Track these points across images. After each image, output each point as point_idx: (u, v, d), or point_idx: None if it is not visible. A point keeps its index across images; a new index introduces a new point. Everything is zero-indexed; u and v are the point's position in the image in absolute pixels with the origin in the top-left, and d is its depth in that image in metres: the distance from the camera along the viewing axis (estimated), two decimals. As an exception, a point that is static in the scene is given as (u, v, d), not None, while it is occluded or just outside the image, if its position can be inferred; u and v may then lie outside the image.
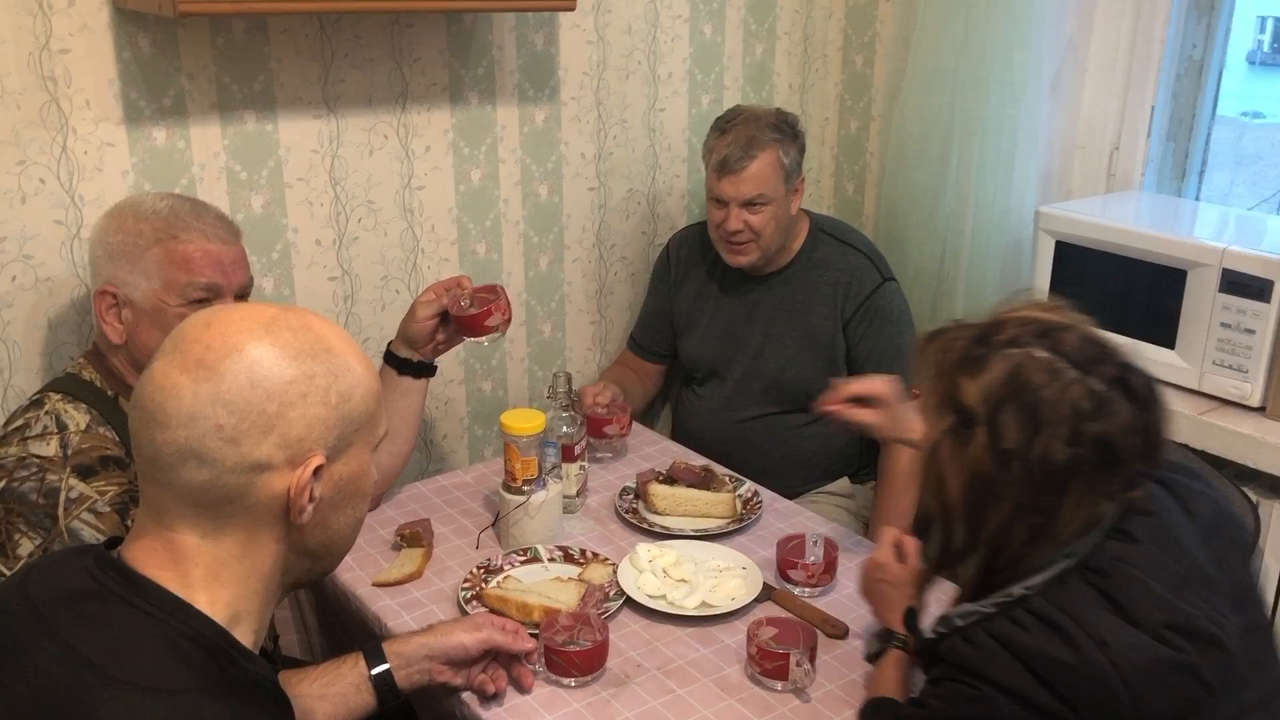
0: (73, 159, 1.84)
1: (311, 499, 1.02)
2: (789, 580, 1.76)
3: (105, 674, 0.92)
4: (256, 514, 1.01)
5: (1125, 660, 1.08)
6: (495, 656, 1.50)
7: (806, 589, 1.75)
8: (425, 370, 1.93)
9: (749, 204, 2.17)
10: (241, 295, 1.68)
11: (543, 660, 1.52)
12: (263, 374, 0.99)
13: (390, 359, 1.92)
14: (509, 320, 1.87)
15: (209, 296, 1.61)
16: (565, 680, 1.51)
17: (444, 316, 1.88)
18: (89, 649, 0.94)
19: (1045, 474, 1.13)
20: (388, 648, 1.44)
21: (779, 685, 1.49)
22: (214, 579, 1.01)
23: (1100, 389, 1.14)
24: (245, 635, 1.03)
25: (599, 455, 2.16)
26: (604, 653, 1.53)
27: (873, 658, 1.49)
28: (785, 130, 2.20)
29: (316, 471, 1.01)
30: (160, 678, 0.93)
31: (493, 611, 1.63)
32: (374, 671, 1.41)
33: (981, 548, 1.20)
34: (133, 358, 1.63)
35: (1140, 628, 1.10)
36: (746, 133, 2.16)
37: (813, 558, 1.74)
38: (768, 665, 1.49)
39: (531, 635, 1.52)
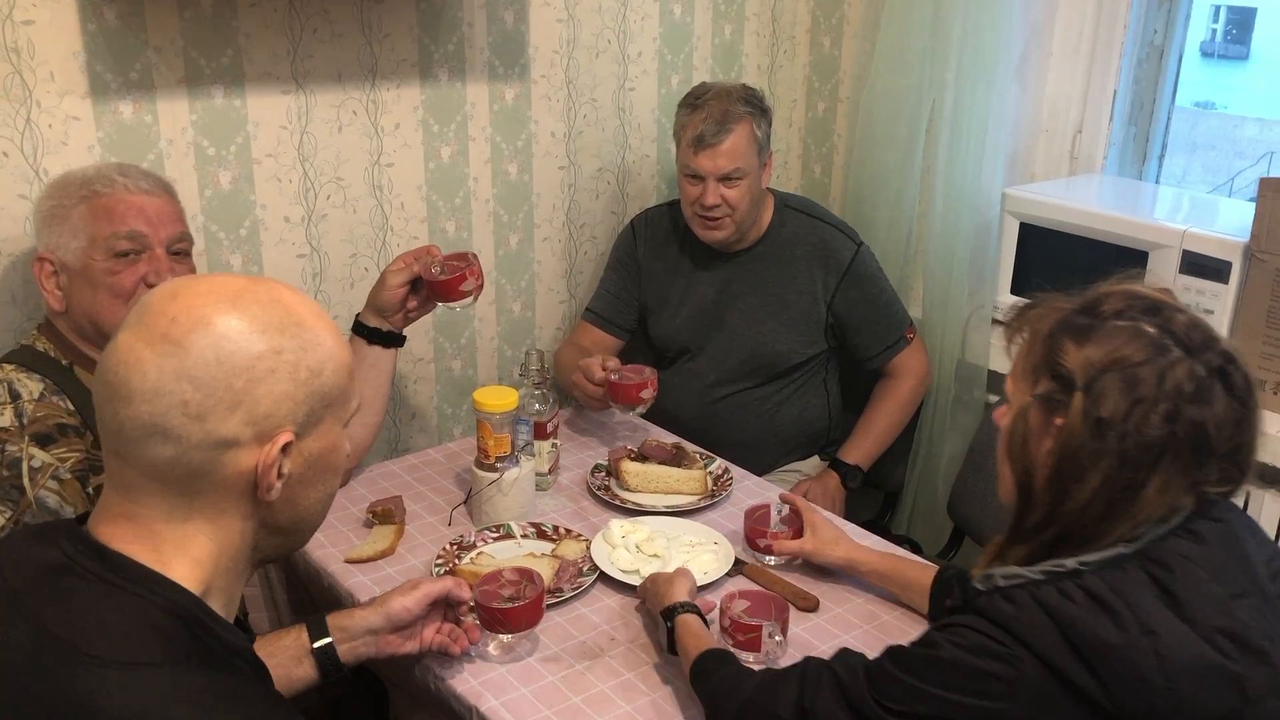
0: (37, 132, 1.81)
1: (280, 476, 1.00)
2: (756, 549, 1.79)
3: (81, 650, 0.91)
4: (224, 491, 0.99)
5: (1171, 653, 1.06)
6: (445, 616, 1.50)
7: (774, 557, 1.78)
8: (394, 340, 1.92)
9: (725, 178, 2.18)
10: (177, 251, 1.68)
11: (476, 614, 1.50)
12: (230, 349, 0.97)
13: (359, 329, 1.91)
14: (481, 286, 1.87)
15: (135, 248, 1.62)
16: (497, 636, 1.51)
17: (414, 285, 1.88)
18: (64, 626, 0.93)
19: (1138, 448, 1.11)
20: (331, 621, 1.43)
21: (751, 657, 1.51)
22: (185, 554, 1.00)
23: (1202, 374, 1.12)
24: (218, 608, 1.03)
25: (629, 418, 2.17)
26: (534, 613, 1.49)
27: (670, 638, 1.48)
28: (755, 104, 2.21)
29: (285, 448, 1.00)
30: (137, 652, 0.92)
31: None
32: (316, 645, 1.40)
33: (1058, 520, 1.16)
34: (77, 324, 1.65)
35: (1193, 626, 1.08)
36: (720, 107, 2.17)
37: (778, 527, 1.77)
38: (741, 638, 1.51)
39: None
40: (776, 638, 1.50)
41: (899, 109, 2.49)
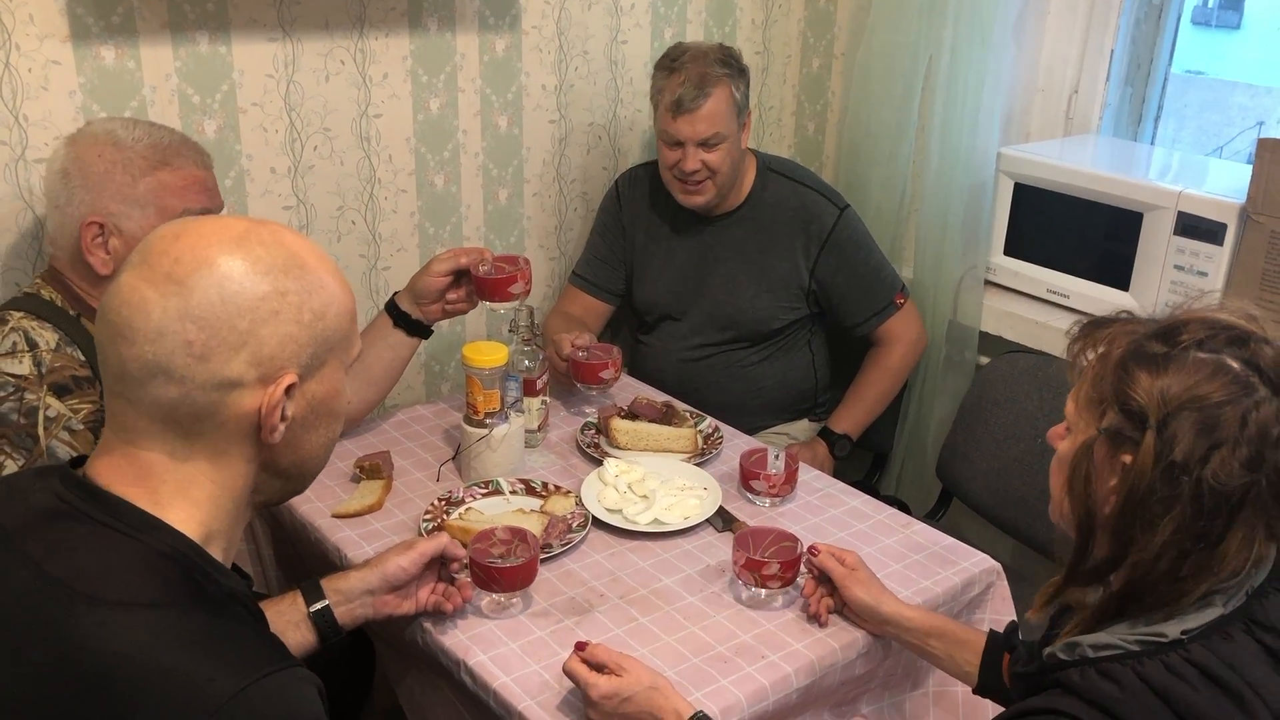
0: (16, 76, 1.77)
1: (284, 418, 1.00)
2: (751, 490, 1.80)
3: (77, 591, 0.91)
4: (227, 432, 0.99)
5: None
6: (439, 576, 1.49)
7: (768, 499, 1.79)
8: (420, 330, 1.91)
9: (705, 143, 2.15)
10: None
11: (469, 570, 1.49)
12: (234, 289, 0.97)
13: (390, 309, 1.89)
14: (528, 291, 1.86)
15: None
16: (491, 594, 1.50)
17: (457, 279, 1.86)
18: (60, 568, 0.93)
19: (1215, 496, 1.01)
20: (326, 584, 1.42)
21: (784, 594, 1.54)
22: (184, 496, 0.99)
23: None
24: (217, 553, 1.02)
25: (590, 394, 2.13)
26: (529, 572, 1.49)
27: None
28: (732, 66, 2.17)
29: (289, 390, 1.00)
30: (133, 592, 0.92)
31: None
32: (313, 609, 1.39)
33: (1124, 569, 1.06)
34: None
35: None
36: (697, 70, 2.13)
37: (774, 469, 1.77)
38: (788, 574, 1.51)
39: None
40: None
41: (895, 66, 2.46)
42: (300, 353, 1.00)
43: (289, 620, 1.37)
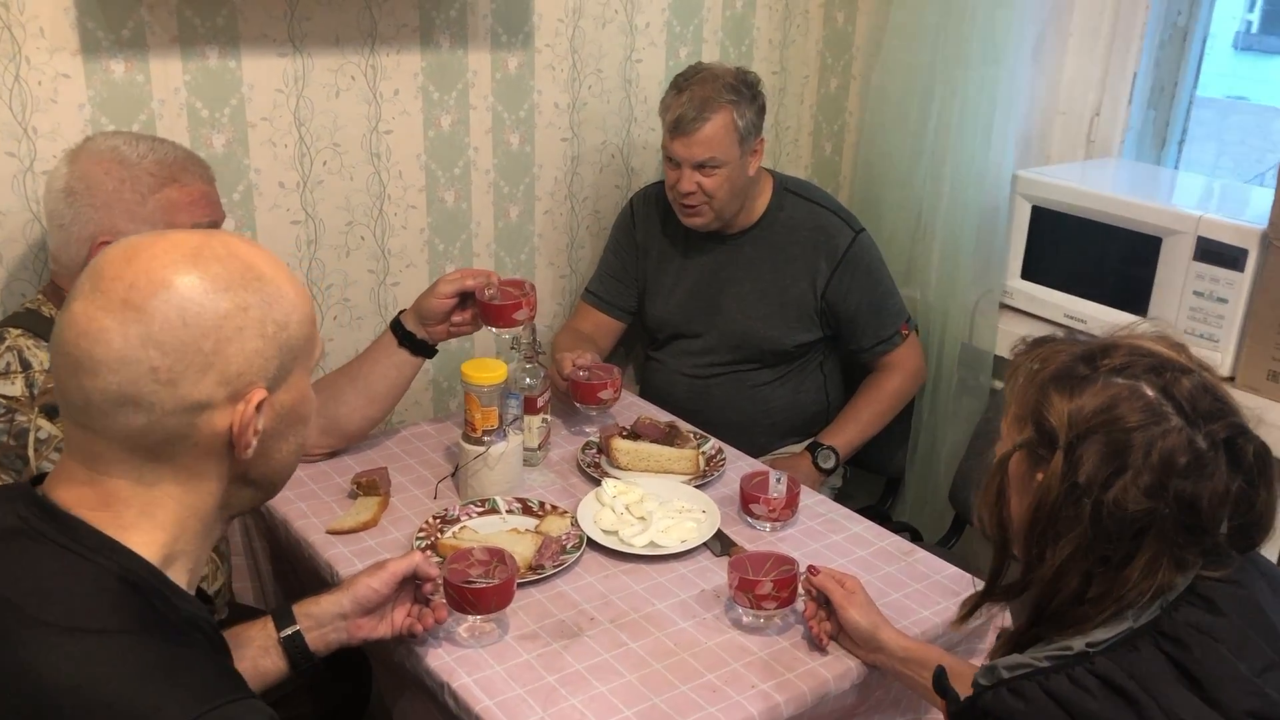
0: (26, 89, 1.78)
1: (256, 432, 0.99)
2: (751, 514, 1.77)
3: (25, 614, 0.89)
4: (199, 453, 0.97)
5: None
6: (416, 598, 1.46)
7: (768, 523, 1.76)
8: (424, 350, 1.90)
9: (701, 166, 2.13)
10: None
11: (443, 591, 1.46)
12: (195, 310, 0.94)
13: (396, 328, 1.88)
14: (533, 317, 1.85)
15: None
16: (464, 616, 1.47)
17: (463, 300, 1.85)
18: (12, 589, 0.91)
19: (1114, 520, 1.01)
20: (298, 609, 1.39)
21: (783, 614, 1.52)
22: (149, 519, 0.97)
23: (1203, 447, 1.01)
24: (179, 575, 1.00)
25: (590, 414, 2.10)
26: (504, 594, 1.44)
27: None
28: (743, 91, 2.14)
29: (259, 405, 0.98)
30: (84, 617, 0.90)
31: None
32: (283, 634, 1.35)
33: (1034, 587, 1.07)
34: None
35: (1220, 711, 0.98)
36: (702, 93, 2.10)
37: (776, 493, 1.74)
38: (783, 593, 1.48)
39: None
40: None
41: (910, 86, 2.44)
42: (267, 366, 0.99)
43: (260, 646, 1.34)
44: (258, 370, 0.98)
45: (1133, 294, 2.18)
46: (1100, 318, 2.22)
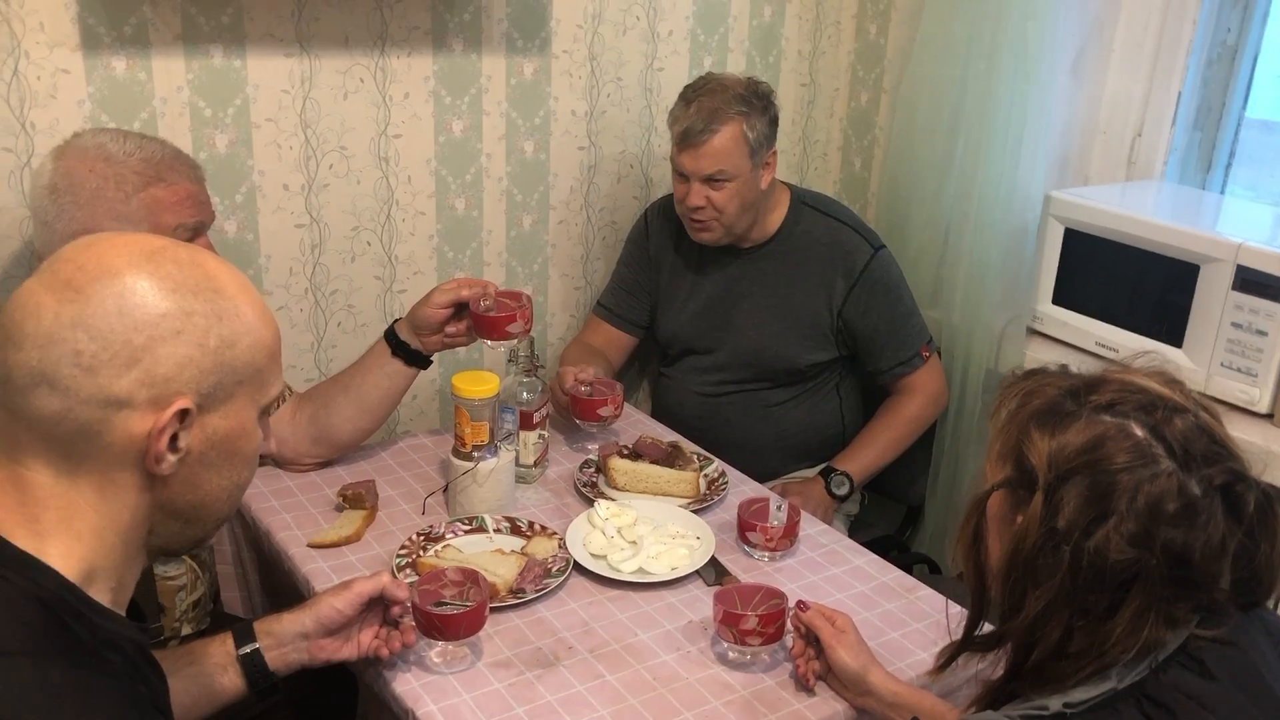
0: (24, 84, 1.76)
1: (175, 449, 0.93)
2: (748, 543, 1.69)
3: None
4: (112, 457, 0.92)
5: None
6: (385, 620, 1.40)
7: (766, 553, 1.69)
8: (418, 360, 1.84)
9: (710, 180, 2.06)
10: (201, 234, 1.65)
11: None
12: (134, 301, 0.91)
13: (390, 337, 1.83)
14: (528, 330, 1.79)
15: (191, 237, 1.59)
16: (432, 641, 1.40)
17: (458, 311, 1.79)
18: None
19: (1095, 570, 0.94)
20: (259, 626, 1.33)
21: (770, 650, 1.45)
22: (66, 527, 0.92)
23: (1196, 493, 0.94)
24: (101, 593, 0.95)
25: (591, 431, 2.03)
26: (475, 620, 1.38)
27: None
28: (754, 102, 2.06)
29: (184, 417, 0.93)
30: None
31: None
32: (241, 651, 1.30)
33: (1012, 638, 1.00)
34: None
35: None
36: (710, 104, 2.03)
37: (775, 521, 1.67)
38: (770, 629, 1.41)
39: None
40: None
41: (940, 99, 2.34)
42: (201, 379, 0.93)
43: (216, 663, 1.29)
44: (188, 380, 0.93)
45: (1168, 323, 2.07)
46: (1133, 347, 2.11)
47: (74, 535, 0.93)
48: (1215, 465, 0.95)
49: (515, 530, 1.72)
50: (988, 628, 1.09)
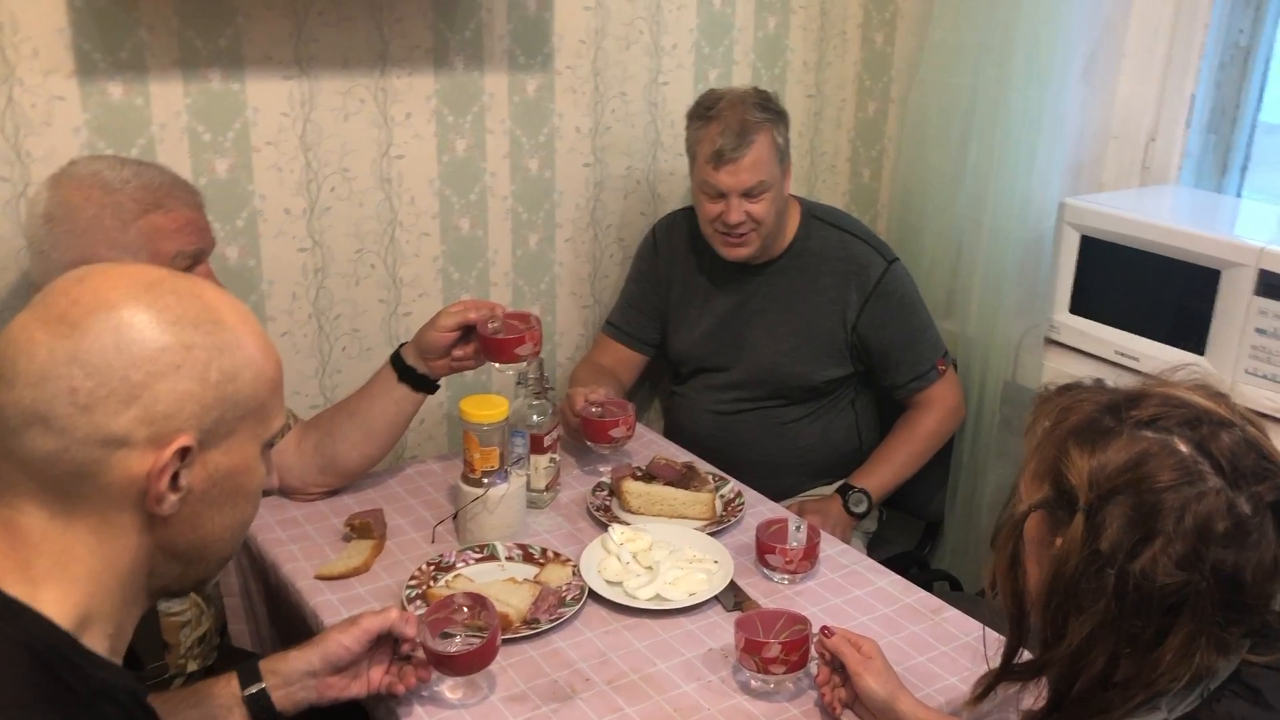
0: (19, 111, 1.73)
1: (176, 488, 0.89)
2: (767, 565, 1.65)
3: None
4: (111, 498, 0.88)
5: None
6: (396, 656, 1.36)
7: (785, 576, 1.64)
8: (425, 385, 1.79)
9: (748, 193, 2.02)
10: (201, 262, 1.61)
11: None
12: (132, 336, 0.87)
13: (395, 362, 1.79)
14: (538, 352, 1.74)
15: (190, 265, 1.55)
16: (443, 676, 1.36)
17: (466, 334, 1.75)
18: None
19: (1141, 595, 0.90)
20: (265, 665, 1.29)
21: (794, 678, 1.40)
22: (61, 572, 0.88)
23: (1246, 511, 0.90)
24: (97, 640, 0.91)
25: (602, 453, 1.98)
26: (485, 655, 1.33)
27: None
28: (771, 110, 2.04)
29: (185, 455, 0.89)
30: None
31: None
32: (247, 692, 1.26)
33: (1054, 667, 0.96)
34: None
35: None
36: (737, 117, 2.00)
37: (794, 542, 1.62)
38: (794, 657, 1.36)
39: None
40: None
41: (951, 108, 2.31)
42: (202, 415, 0.90)
43: (221, 704, 1.25)
44: (189, 416, 0.89)
45: (1190, 330, 2.03)
46: (1154, 355, 2.07)
47: (69, 580, 0.89)
48: (1265, 482, 0.91)
49: (528, 557, 1.67)
50: (1026, 655, 1.05)
